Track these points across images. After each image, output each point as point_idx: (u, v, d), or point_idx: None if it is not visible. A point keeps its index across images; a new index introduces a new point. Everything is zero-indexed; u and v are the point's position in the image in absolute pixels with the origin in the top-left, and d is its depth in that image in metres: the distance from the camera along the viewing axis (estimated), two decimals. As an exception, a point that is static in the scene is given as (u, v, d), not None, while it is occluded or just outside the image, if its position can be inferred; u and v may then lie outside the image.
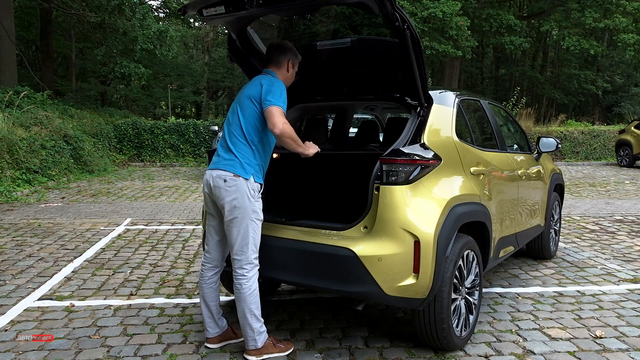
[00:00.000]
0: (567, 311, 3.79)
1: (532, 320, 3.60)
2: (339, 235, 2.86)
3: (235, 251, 2.87)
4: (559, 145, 4.77)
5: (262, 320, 2.95)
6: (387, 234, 2.73)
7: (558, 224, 5.41)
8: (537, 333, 3.39)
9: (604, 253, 5.48)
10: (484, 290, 4.14)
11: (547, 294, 4.18)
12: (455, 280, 3.00)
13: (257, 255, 2.91)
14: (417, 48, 2.78)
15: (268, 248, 3.07)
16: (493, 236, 3.50)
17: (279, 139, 2.80)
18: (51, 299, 3.94)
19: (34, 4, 18.15)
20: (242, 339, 3.06)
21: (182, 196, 9.16)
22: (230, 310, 3.75)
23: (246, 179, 2.80)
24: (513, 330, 3.43)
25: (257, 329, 2.91)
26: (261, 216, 2.90)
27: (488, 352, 3.10)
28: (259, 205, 2.88)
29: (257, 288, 2.91)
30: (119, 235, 6.07)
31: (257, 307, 2.91)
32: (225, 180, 2.81)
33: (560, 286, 4.38)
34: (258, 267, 2.93)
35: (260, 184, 2.90)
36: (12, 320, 3.53)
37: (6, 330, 3.37)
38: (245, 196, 2.80)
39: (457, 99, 3.51)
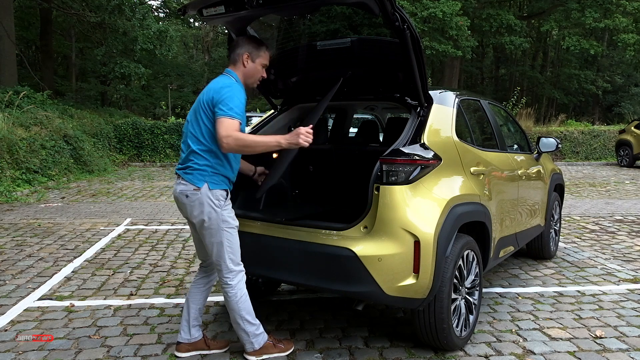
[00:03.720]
0: (567, 311, 3.79)
1: (532, 320, 3.60)
2: (339, 235, 2.85)
3: (214, 261, 2.85)
4: (559, 145, 4.77)
5: (257, 322, 2.92)
6: (387, 234, 2.73)
7: (558, 224, 5.41)
8: (537, 333, 3.39)
9: (604, 253, 5.48)
10: (484, 290, 4.14)
11: (547, 294, 4.18)
12: (455, 280, 3.00)
13: (238, 261, 2.85)
14: (417, 48, 2.78)
15: (268, 248, 3.07)
16: (493, 236, 3.50)
17: (231, 153, 2.71)
18: (51, 299, 3.94)
19: (34, 4, 18.16)
20: (214, 351, 3.05)
21: (182, 196, 9.15)
22: (230, 310, 3.75)
23: (210, 189, 2.72)
24: (513, 330, 3.43)
25: (252, 332, 2.89)
26: (233, 223, 2.82)
27: (488, 352, 3.10)
28: (227, 213, 2.79)
29: (245, 293, 2.87)
30: (119, 235, 6.07)
31: (248, 312, 2.88)
32: (187, 196, 2.76)
33: (560, 286, 4.38)
34: (243, 272, 2.88)
35: (225, 190, 2.79)
36: (12, 320, 3.53)
37: (6, 330, 3.37)
38: (210, 208, 2.72)
39: (457, 99, 3.51)
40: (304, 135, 2.61)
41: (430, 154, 2.93)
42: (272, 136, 2.71)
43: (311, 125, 2.70)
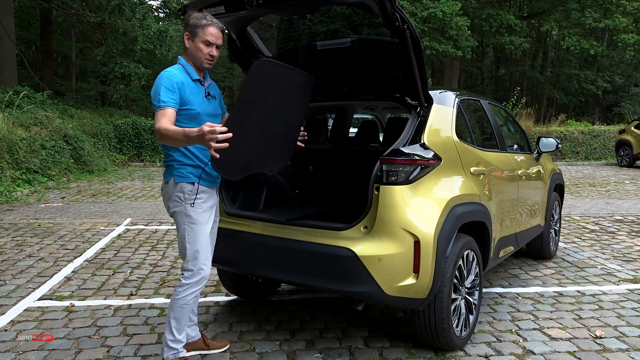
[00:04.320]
0: (567, 311, 3.79)
1: (532, 320, 3.61)
2: (339, 235, 2.85)
3: (180, 254, 2.82)
4: (559, 145, 4.77)
5: (179, 338, 2.76)
6: (387, 234, 2.73)
7: (558, 224, 5.41)
8: (537, 333, 3.39)
9: (604, 253, 5.48)
10: (484, 290, 4.14)
11: (547, 294, 4.18)
12: (455, 280, 3.00)
13: (199, 263, 2.71)
14: (417, 48, 2.78)
15: (268, 248, 3.07)
16: (493, 236, 3.50)
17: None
18: (51, 299, 3.94)
19: (34, 4, 18.15)
20: (214, 350, 3.04)
21: (182, 196, 9.14)
22: (230, 311, 3.75)
23: (175, 182, 2.68)
24: (513, 330, 3.43)
25: (166, 340, 2.77)
26: (197, 220, 2.69)
27: (488, 352, 3.10)
28: (193, 208, 2.68)
29: (187, 304, 2.73)
30: (119, 235, 6.06)
31: (178, 321, 2.74)
32: (162, 189, 2.80)
33: (560, 286, 4.38)
34: (202, 279, 2.74)
35: (193, 183, 2.67)
36: (12, 320, 3.53)
37: (6, 330, 3.37)
38: (175, 201, 2.70)
39: (457, 99, 3.51)
40: (208, 140, 2.26)
41: (430, 154, 2.93)
42: (193, 130, 2.34)
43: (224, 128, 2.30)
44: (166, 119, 2.51)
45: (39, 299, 3.94)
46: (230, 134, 2.26)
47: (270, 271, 3.12)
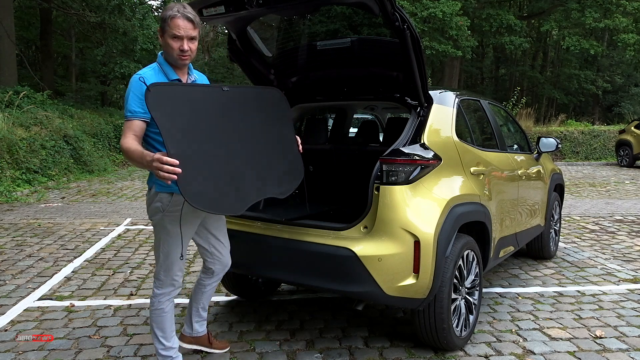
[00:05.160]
0: (567, 311, 3.79)
1: (532, 320, 3.61)
2: (339, 235, 2.85)
3: (154, 257, 2.76)
4: (559, 145, 4.77)
5: (168, 345, 2.70)
6: (387, 234, 2.73)
7: (558, 224, 5.41)
8: (537, 333, 3.39)
9: (604, 253, 5.48)
10: (484, 290, 4.14)
11: (547, 294, 4.18)
12: (455, 280, 3.00)
13: (171, 275, 2.63)
14: (417, 48, 2.78)
15: (268, 248, 3.07)
16: (493, 236, 3.50)
17: None
18: (51, 299, 3.94)
19: (34, 4, 18.14)
20: (216, 350, 3.05)
21: (182, 196, 9.14)
22: (230, 311, 3.75)
23: (155, 191, 2.54)
24: (513, 330, 3.43)
25: (157, 349, 2.71)
26: (173, 232, 2.56)
27: (488, 352, 3.10)
28: (170, 220, 2.53)
29: (164, 312, 2.67)
30: (119, 235, 6.06)
31: (161, 329, 2.68)
32: (146, 194, 2.68)
33: (560, 286, 4.38)
34: (173, 291, 2.68)
35: (171, 193, 2.50)
36: (12, 320, 3.53)
37: (6, 330, 3.37)
38: (152, 209, 2.57)
39: (457, 99, 3.51)
40: (155, 168, 2.12)
41: (430, 154, 2.93)
42: (148, 155, 2.22)
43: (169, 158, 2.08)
44: (131, 134, 2.37)
45: (39, 299, 3.94)
46: (178, 169, 2.08)
47: (271, 271, 3.12)
